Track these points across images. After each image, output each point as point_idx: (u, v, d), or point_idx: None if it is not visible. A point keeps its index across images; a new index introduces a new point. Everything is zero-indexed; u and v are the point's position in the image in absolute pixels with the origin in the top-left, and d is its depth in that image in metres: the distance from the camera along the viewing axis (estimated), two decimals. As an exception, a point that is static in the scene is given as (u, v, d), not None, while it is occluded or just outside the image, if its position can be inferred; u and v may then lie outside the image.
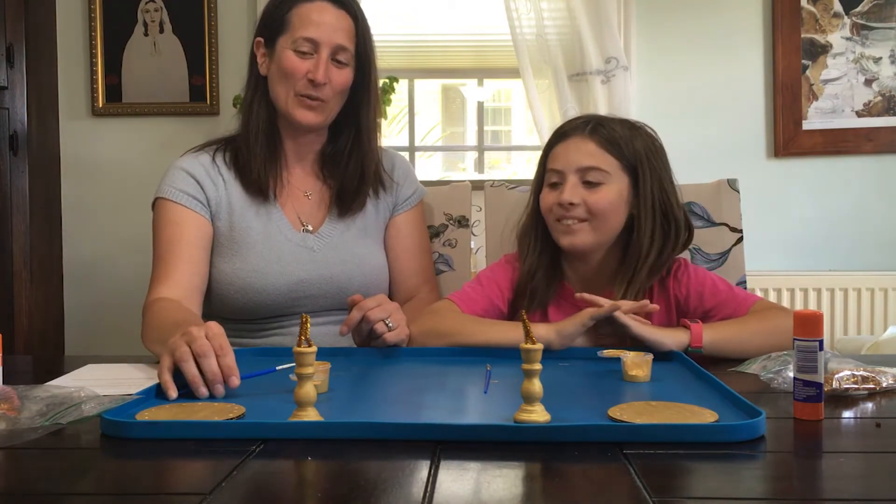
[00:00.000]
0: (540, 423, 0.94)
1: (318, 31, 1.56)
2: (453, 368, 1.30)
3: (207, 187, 1.61)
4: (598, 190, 1.47)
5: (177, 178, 1.61)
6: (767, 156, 3.21)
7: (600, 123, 1.51)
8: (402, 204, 1.73)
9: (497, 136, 4.03)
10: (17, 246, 2.94)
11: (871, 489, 0.79)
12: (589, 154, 1.48)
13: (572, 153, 1.49)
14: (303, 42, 1.56)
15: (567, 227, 1.48)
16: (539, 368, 0.95)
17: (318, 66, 1.55)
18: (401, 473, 0.82)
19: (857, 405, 1.07)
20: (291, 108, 1.58)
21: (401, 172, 1.75)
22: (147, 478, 0.85)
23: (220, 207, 1.61)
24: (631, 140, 1.49)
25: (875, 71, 3.16)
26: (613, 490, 0.79)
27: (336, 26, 1.58)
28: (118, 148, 3.24)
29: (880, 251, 3.18)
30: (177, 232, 1.56)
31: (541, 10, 3.09)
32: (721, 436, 0.90)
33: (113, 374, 1.28)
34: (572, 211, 1.46)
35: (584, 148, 1.48)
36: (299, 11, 1.58)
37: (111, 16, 3.19)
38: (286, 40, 1.58)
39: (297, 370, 0.95)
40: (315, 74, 1.55)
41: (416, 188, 1.76)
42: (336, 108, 1.62)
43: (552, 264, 1.55)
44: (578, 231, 1.47)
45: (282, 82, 1.59)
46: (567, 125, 1.55)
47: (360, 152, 1.66)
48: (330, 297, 1.61)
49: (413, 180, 1.77)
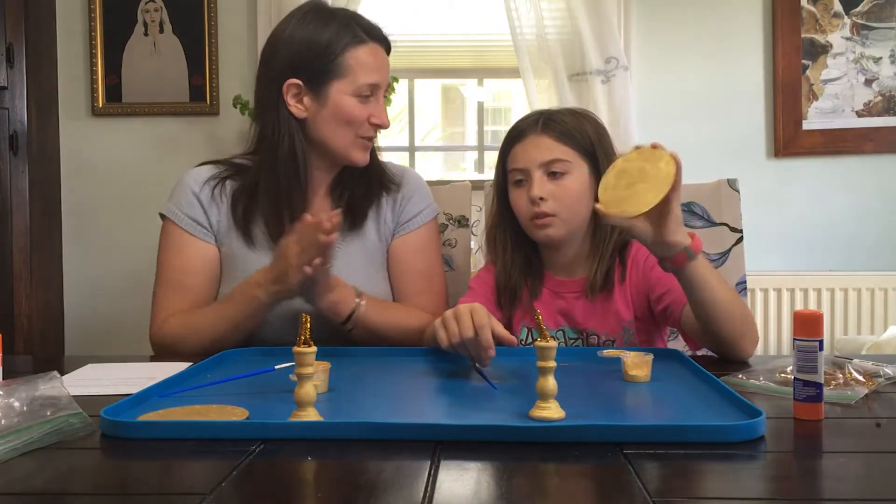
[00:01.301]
0: (555, 420, 0.96)
1: (380, 76, 1.56)
2: (453, 368, 1.30)
3: (211, 213, 1.59)
4: (563, 180, 1.50)
5: (184, 199, 1.59)
6: (767, 156, 3.21)
7: (550, 118, 1.54)
8: (406, 223, 1.67)
9: (497, 136, 4.02)
10: (17, 246, 2.94)
11: (871, 489, 0.79)
12: (548, 148, 1.51)
13: (531, 150, 1.52)
14: (366, 88, 1.54)
15: (541, 222, 1.50)
16: (553, 366, 0.97)
17: (381, 111, 1.56)
18: (401, 473, 0.82)
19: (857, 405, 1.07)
20: (352, 152, 1.57)
21: (408, 190, 1.68)
22: (147, 478, 0.85)
23: (228, 232, 1.60)
24: (581, 127, 1.53)
25: (875, 71, 3.16)
26: (613, 490, 0.79)
27: (387, 66, 1.59)
28: (118, 148, 3.24)
29: (880, 251, 3.18)
30: (183, 262, 1.57)
31: (541, 11, 3.09)
32: (721, 436, 0.90)
33: (113, 374, 1.28)
34: (543, 205, 1.49)
35: (541, 143, 1.51)
36: (356, 55, 1.53)
37: (111, 16, 3.19)
38: (345, 86, 1.53)
39: (297, 370, 0.95)
40: (381, 119, 1.56)
41: (420, 209, 1.68)
42: None
43: (527, 260, 1.58)
44: (551, 223, 1.50)
45: (342, 127, 1.54)
46: (520, 124, 1.57)
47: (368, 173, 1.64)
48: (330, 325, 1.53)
49: (420, 200, 1.69)
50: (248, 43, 3.18)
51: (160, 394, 1.11)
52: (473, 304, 1.26)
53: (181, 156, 3.15)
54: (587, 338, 1.54)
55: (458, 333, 1.22)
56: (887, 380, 1.17)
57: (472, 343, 1.22)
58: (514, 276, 1.56)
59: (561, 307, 1.56)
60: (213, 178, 1.62)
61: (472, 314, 1.23)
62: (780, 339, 3.09)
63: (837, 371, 1.18)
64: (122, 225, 3.21)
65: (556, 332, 1.55)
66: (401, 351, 1.45)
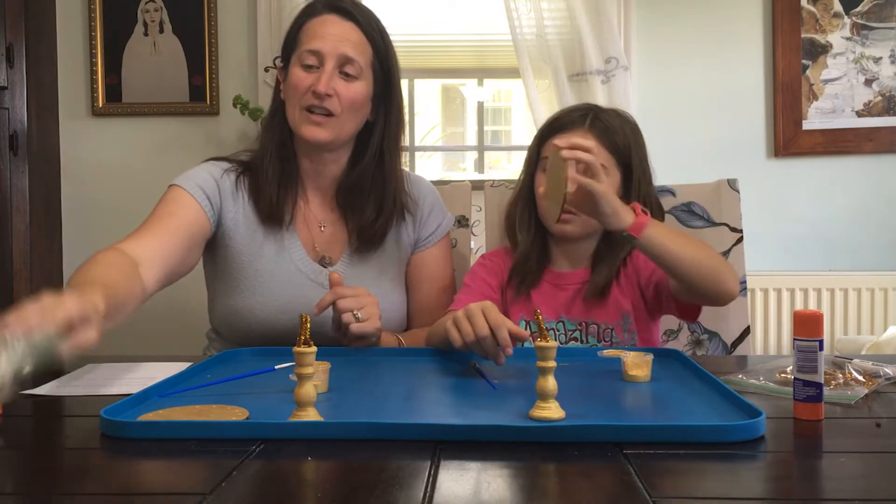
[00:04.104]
0: (555, 420, 0.96)
1: (322, 43, 1.52)
2: (453, 368, 1.30)
3: (226, 199, 1.57)
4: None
5: (200, 176, 1.57)
6: (767, 156, 3.21)
7: (598, 117, 1.54)
8: (427, 239, 1.67)
9: (497, 136, 4.03)
10: (17, 246, 2.94)
11: (871, 489, 0.79)
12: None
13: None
14: (307, 55, 1.52)
15: (563, 217, 1.49)
16: (553, 366, 0.97)
17: (320, 78, 1.51)
18: (401, 473, 0.82)
19: (858, 405, 1.07)
20: (300, 125, 1.53)
21: (427, 206, 1.68)
22: (147, 478, 0.85)
23: (236, 226, 1.57)
24: (623, 132, 1.54)
25: (875, 71, 3.16)
26: (613, 490, 0.79)
27: (341, 37, 1.53)
28: (118, 148, 3.24)
29: (880, 251, 3.18)
30: (174, 210, 1.52)
31: (541, 10, 3.09)
32: (721, 436, 0.90)
33: (113, 374, 1.28)
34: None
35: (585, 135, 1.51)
36: (308, 26, 1.56)
37: (111, 16, 3.19)
38: (295, 57, 1.56)
39: (297, 370, 0.95)
40: (317, 85, 1.50)
41: (440, 222, 1.69)
42: (349, 126, 1.56)
43: (543, 248, 1.59)
44: (570, 221, 1.51)
45: (290, 99, 1.55)
46: (566, 116, 1.58)
47: (382, 181, 1.60)
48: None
49: (439, 213, 1.70)
50: (248, 43, 3.18)
51: (160, 394, 1.11)
52: (485, 303, 1.25)
53: (181, 156, 3.14)
54: (586, 328, 1.55)
55: (473, 333, 1.21)
56: (887, 380, 1.17)
57: (487, 342, 1.21)
58: (530, 261, 1.57)
59: (561, 299, 1.57)
60: (228, 170, 1.61)
61: (484, 313, 1.22)
62: (780, 339, 3.09)
63: (837, 371, 1.18)
64: (123, 225, 3.17)
65: (557, 323, 1.55)
66: (401, 351, 1.45)
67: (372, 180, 1.60)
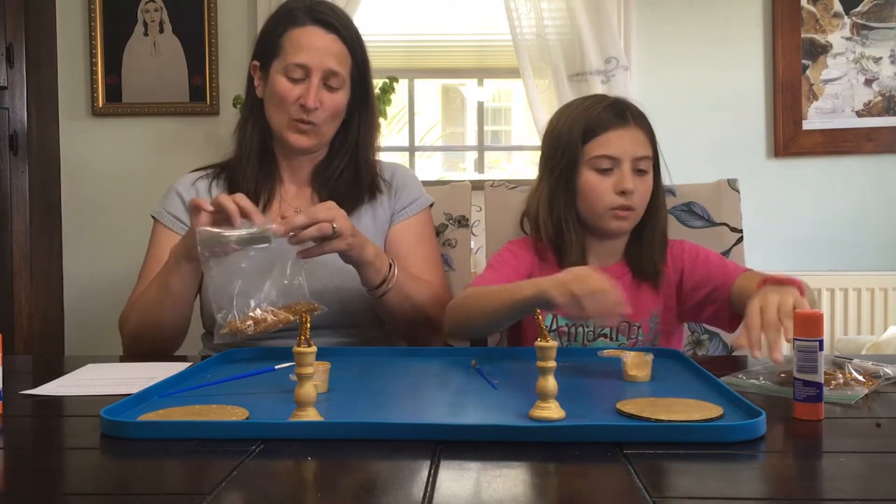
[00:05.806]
0: (555, 420, 0.96)
1: (309, 57, 1.57)
2: (453, 368, 1.30)
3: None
4: (645, 178, 1.52)
5: (170, 201, 1.66)
6: (767, 156, 3.21)
7: (640, 114, 1.55)
8: (402, 211, 1.70)
9: (497, 136, 4.03)
10: (17, 246, 2.94)
11: (871, 489, 0.79)
12: (641, 144, 1.52)
13: (627, 142, 1.50)
14: (294, 68, 1.57)
15: (623, 214, 1.50)
16: (553, 366, 0.96)
17: (308, 92, 1.56)
18: (401, 473, 0.82)
19: (857, 405, 1.07)
20: (286, 133, 1.61)
21: (400, 180, 1.72)
22: (147, 478, 0.85)
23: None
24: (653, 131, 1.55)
25: (875, 71, 3.16)
26: (613, 490, 0.79)
27: (326, 51, 1.58)
28: (118, 148, 3.24)
29: (880, 251, 3.18)
30: (156, 253, 1.60)
31: (541, 10, 3.09)
32: (721, 436, 0.90)
33: (113, 374, 1.28)
34: (629, 199, 1.49)
35: (637, 138, 1.51)
36: (291, 36, 1.59)
37: (111, 16, 3.19)
38: (279, 65, 1.59)
39: (297, 370, 0.95)
40: (306, 100, 1.56)
41: (415, 197, 1.71)
42: (329, 131, 1.64)
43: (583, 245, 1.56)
44: (628, 217, 1.51)
45: (276, 107, 1.60)
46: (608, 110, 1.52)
47: (355, 167, 1.66)
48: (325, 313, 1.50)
49: (413, 188, 1.73)
50: (248, 43, 3.18)
51: (160, 394, 1.11)
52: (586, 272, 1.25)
53: (181, 156, 3.15)
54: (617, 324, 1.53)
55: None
56: (887, 380, 1.17)
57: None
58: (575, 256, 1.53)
59: None
60: (201, 178, 1.69)
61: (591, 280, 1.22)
62: (780, 339, 3.08)
63: (837, 371, 1.18)
64: (122, 225, 3.20)
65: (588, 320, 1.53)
66: (401, 351, 1.45)
67: (346, 164, 1.67)
